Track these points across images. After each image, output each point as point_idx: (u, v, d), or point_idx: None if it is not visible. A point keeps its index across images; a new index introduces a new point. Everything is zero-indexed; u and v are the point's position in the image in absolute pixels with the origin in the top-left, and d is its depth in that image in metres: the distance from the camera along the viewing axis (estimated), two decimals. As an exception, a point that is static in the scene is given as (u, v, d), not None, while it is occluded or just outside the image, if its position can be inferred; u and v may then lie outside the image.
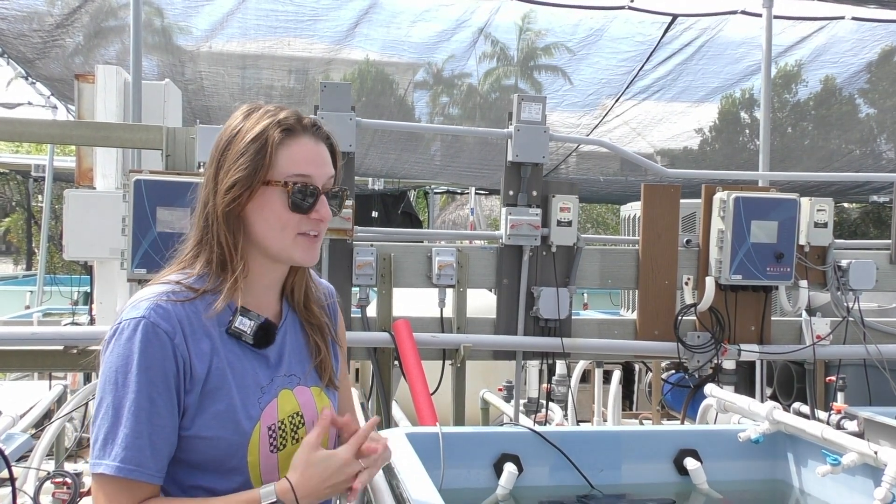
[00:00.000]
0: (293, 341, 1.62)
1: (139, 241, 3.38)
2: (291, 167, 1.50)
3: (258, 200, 1.50)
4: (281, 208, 1.50)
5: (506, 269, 3.93)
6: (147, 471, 1.40)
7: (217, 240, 1.50)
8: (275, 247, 1.52)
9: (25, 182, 16.26)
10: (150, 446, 1.40)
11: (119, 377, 1.41)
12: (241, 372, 1.50)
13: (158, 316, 1.44)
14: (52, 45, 7.41)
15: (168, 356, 1.42)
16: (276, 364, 1.57)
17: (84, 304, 8.45)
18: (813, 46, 8.70)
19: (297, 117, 1.54)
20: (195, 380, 1.45)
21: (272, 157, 1.49)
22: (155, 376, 1.41)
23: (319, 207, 1.52)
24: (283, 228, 1.51)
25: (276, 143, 1.50)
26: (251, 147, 1.49)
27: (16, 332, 3.72)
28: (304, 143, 1.53)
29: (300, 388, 1.59)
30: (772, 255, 3.93)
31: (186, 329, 1.46)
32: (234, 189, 1.48)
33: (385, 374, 3.83)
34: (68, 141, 5.44)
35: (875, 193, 11.91)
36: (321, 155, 1.55)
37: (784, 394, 5.68)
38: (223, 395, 1.47)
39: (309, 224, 1.52)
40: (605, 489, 2.53)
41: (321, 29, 7.72)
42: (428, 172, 11.51)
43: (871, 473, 2.31)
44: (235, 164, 1.49)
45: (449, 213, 22.58)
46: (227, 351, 1.50)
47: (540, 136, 3.86)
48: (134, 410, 1.39)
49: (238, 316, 1.51)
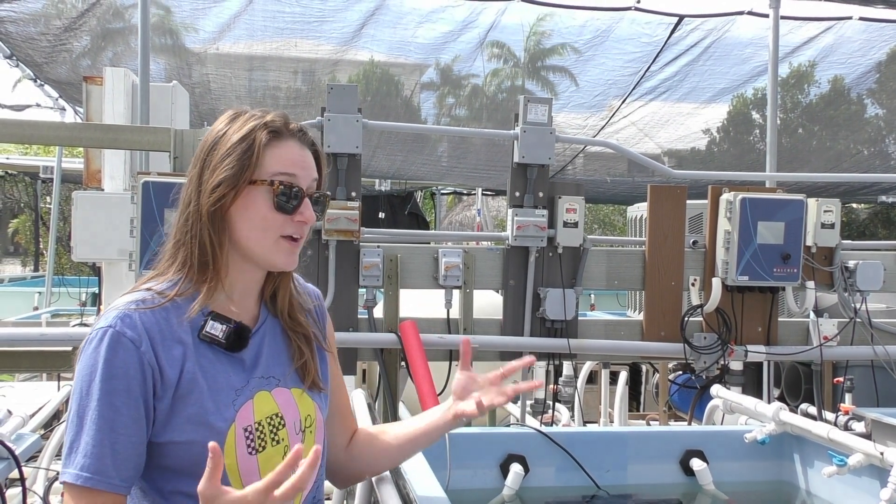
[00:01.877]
0: (272, 344, 1.60)
1: (147, 242, 3.39)
2: (277, 167, 1.51)
3: (243, 200, 1.50)
4: (266, 208, 1.50)
5: (512, 270, 3.93)
6: (108, 479, 1.38)
7: (199, 240, 1.50)
8: (256, 249, 1.52)
9: (33, 183, 16.32)
10: (112, 455, 1.39)
11: (84, 386, 1.40)
12: (214, 375, 1.49)
13: (125, 325, 1.43)
14: (61, 48, 7.44)
15: (133, 364, 1.41)
16: (251, 367, 1.55)
17: (92, 305, 8.49)
18: (821, 47, 8.68)
19: (284, 121, 1.56)
20: (166, 386, 1.44)
21: (259, 156, 1.50)
22: (118, 385, 1.40)
23: (303, 209, 1.52)
24: (266, 230, 1.51)
25: (263, 143, 1.51)
26: (238, 147, 1.50)
27: (25, 332, 3.74)
28: (290, 146, 1.54)
29: (279, 390, 1.57)
30: (778, 256, 3.92)
31: (155, 336, 1.45)
32: (220, 188, 1.48)
33: (392, 375, 3.84)
34: (77, 143, 5.47)
35: (884, 194, 11.88)
36: (306, 159, 1.56)
37: (792, 395, 5.67)
38: (195, 399, 1.45)
39: (292, 227, 1.52)
40: (611, 490, 2.53)
41: (328, 30, 7.74)
42: (435, 173, 11.51)
43: (878, 474, 2.31)
44: (222, 163, 1.49)
45: (456, 213, 22.60)
46: (200, 356, 1.48)
47: (546, 138, 3.87)
48: (96, 419, 1.38)
49: (210, 321, 1.50)
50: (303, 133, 1.57)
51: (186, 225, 1.52)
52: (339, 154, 3.68)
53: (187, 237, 1.51)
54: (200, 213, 1.50)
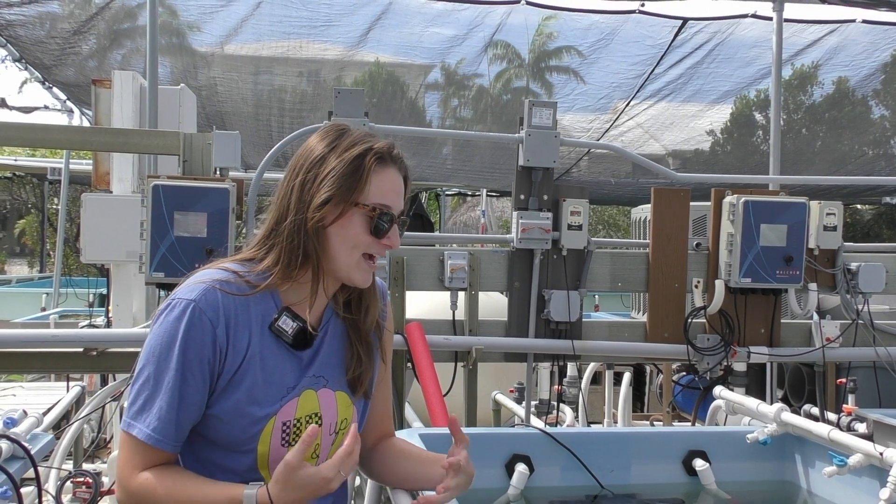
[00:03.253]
0: (330, 346, 1.68)
1: (157, 245, 3.42)
2: (379, 195, 1.60)
3: (345, 219, 1.59)
4: (361, 230, 1.60)
5: (517, 272, 3.97)
6: (170, 442, 1.53)
7: (304, 249, 1.58)
8: (340, 262, 1.61)
9: (41, 185, 16.39)
10: (177, 421, 1.53)
11: (163, 352, 1.52)
12: (272, 369, 1.59)
13: (207, 303, 1.54)
14: (70, 51, 7.49)
15: (207, 343, 1.53)
16: (307, 365, 1.64)
17: (100, 305, 8.53)
18: (824, 49, 8.70)
19: (390, 148, 1.65)
20: (227, 367, 1.56)
21: (366, 181, 1.59)
22: (192, 358, 1.52)
23: (392, 235, 1.63)
24: (354, 248, 1.60)
25: (371, 169, 1.60)
26: (348, 168, 1.58)
27: (36, 333, 3.78)
28: (391, 174, 1.63)
29: (325, 391, 1.65)
30: (781, 258, 3.95)
31: (231, 321, 1.55)
32: (327, 206, 1.57)
33: (398, 376, 3.87)
34: (88, 147, 5.51)
35: (888, 195, 11.87)
36: (401, 186, 1.66)
37: (796, 396, 5.69)
38: (247, 386, 1.56)
39: (377, 248, 1.62)
40: (614, 489, 2.57)
41: (334, 34, 7.78)
42: (440, 175, 11.55)
43: (878, 474, 2.34)
44: (331, 180, 1.58)
45: (460, 214, 22.60)
46: (264, 346, 1.58)
47: (550, 141, 3.90)
48: (171, 386, 1.51)
49: (283, 315, 1.60)
50: (402, 162, 1.67)
51: (286, 228, 1.60)
52: (346, 157, 3.71)
53: (286, 241, 1.60)
54: (304, 223, 1.58)
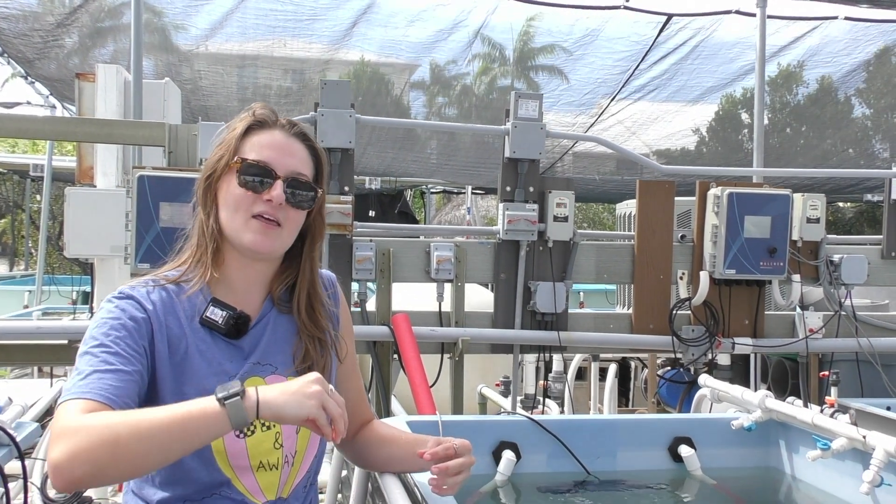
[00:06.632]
0: (274, 334, 1.64)
1: (142, 236, 3.42)
2: (250, 151, 1.58)
3: (223, 184, 1.58)
4: (235, 187, 1.56)
5: (503, 263, 3.98)
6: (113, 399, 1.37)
7: (199, 227, 1.60)
8: (228, 228, 1.58)
9: (23, 182, 16.25)
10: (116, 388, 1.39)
11: (95, 335, 1.47)
12: (211, 359, 1.55)
13: (135, 291, 1.55)
14: (53, 44, 7.44)
15: (138, 311, 1.51)
16: (248, 353, 1.60)
17: (83, 303, 8.49)
18: (807, 46, 8.77)
19: (274, 114, 1.64)
20: (167, 348, 1.52)
21: (238, 142, 1.59)
22: (124, 324, 1.48)
23: (272, 190, 1.55)
24: (236, 209, 1.56)
25: (245, 130, 1.60)
26: (224, 136, 1.61)
27: (20, 325, 3.76)
28: (271, 134, 1.61)
29: (275, 377, 1.59)
30: (765, 249, 3.99)
31: (160, 308, 1.54)
32: (208, 177, 1.59)
33: (384, 368, 3.88)
34: (72, 137, 5.48)
35: (869, 192, 11.97)
36: (289, 146, 1.60)
37: (779, 390, 5.72)
38: (196, 381, 1.51)
39: (262, 205, 1.55)
40: (601, 476, 2.58)
41: (319, 29, 7.76)
42: (425, 171, 11.55)
43: (861, 458, 2.36)
44: (214, 158, 1.61)
45: (445, 213, 22.59)
46: (198, 339, 1.55)
47: (536, 133, 3.92)
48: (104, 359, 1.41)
49: (210, 306, 1.56)
50: (292, 125, 1.64)
51: (197, 221, 1.63)
52: (333, 148, 3.72)
53: (197, 231, 1.62)
54: (197, 197, 1.62)
